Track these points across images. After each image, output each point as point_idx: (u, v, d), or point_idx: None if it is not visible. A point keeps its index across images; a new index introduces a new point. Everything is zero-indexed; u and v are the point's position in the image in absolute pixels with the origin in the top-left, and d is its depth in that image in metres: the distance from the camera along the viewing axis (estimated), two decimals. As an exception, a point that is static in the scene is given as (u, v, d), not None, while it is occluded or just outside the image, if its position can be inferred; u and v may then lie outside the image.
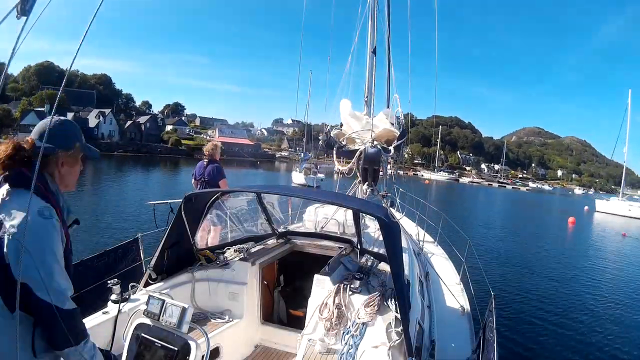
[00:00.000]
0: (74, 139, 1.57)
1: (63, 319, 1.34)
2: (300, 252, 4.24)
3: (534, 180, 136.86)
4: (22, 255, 1.26)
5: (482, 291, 5.48)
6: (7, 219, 1.32)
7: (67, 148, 1.53)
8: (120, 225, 12.68)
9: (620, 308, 9.54)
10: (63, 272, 1.41)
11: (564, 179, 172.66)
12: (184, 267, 3.25)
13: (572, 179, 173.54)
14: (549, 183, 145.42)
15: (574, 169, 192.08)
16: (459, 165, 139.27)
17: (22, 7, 0.89)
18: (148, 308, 2.07)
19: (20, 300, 1.25)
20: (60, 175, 1.54)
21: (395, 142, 5.29)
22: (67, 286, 1.41)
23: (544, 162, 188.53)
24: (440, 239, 7.46)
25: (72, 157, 1.57)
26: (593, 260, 15.46)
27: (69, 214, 1.58)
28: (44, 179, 1.48)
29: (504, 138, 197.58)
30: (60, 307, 1.35)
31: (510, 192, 77.24)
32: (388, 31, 6.30)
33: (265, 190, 4.12)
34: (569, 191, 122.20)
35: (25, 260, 1.28)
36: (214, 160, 5.58)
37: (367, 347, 2.50)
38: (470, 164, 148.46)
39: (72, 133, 1.58)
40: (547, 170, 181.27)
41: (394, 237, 2.54)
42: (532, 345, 6.86)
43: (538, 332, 7.46)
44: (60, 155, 1.51)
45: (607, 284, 11.89)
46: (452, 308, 4.41)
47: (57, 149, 1.50)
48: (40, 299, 1.31)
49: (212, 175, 5.46)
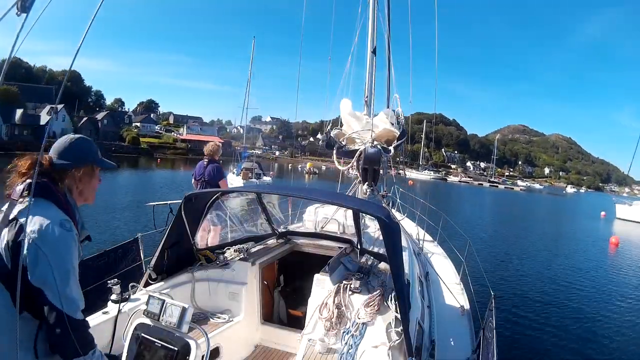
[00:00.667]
0: (90, 156, 1.65)
1: (73, 329, 1.36)
2: (300, 252, 4.24)
3: (523, 179, 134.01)
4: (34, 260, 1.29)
5: (482, 291, 5.48)
6: (29, 224, 1.34)
7: (83, 164, 1.61)
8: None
9: (621, 308, 9.54)
10: (77, 284, 1.45)
11: (552, 176, 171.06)
12: (184, 267, 3.24)
13: (560, 177, 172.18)
14: (538, 181, 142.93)
15: (561, 167, 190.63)
16: (444, 163, 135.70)
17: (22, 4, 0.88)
18: (148, 308, 2.07)
19: (33, 305, 1.33)
20: (78, 190, 1.62)
21: (395, 142, 5.29)
22: (79, 297, 1.44)
23: (531, 159, 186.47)
24: (440, 239, 7.46)
25: (88, 172, 1.64)
26: (594, 260, 15.48)
27: (82, 230, 1.62)
28: (63, 192, 1.54)
29: (489, 136, 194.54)
30: (72, 317, 1.37)
31: (504, 193, 72.56)
32: (388, 31, 6.31)
33: (265, 191, 4.11)
34: (562, 190, 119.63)
35: (43, 267, 1.32)
36: (214, 160, 5.62)
37: (367, 347, 2.50)
38: (455, 161, 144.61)
39: (88, 150, 1.65)
40: (534, 167, 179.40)
41: (394, 237, 2.54)
42: (532, 345, 6.86)
43: (538, 332, 7.46)
44: (76, 172, 1.59)
45: (608, 284, 11.89)
46: (452, 308, 4.41)
47: (74, 165, 1.58)
48: (53, 306, 1.33)
49: (212, 175, 5.52)
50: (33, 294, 1.32)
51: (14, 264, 1.32)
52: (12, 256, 1.34)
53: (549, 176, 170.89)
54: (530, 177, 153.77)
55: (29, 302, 1.32)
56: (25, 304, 1.31)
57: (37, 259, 1.31)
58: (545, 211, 42.44)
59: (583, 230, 26.09)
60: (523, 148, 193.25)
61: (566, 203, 64.15)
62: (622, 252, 18.49)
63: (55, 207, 1.43)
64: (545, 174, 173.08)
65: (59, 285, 1.34)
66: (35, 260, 1.31)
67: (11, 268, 1.33)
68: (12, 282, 1.27)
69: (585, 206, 53.77)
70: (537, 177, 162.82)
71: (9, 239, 1.35)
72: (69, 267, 1.39)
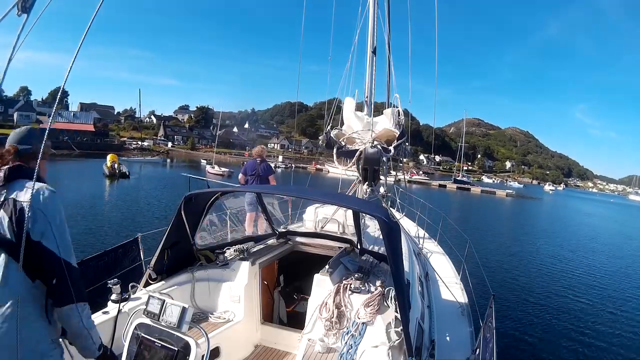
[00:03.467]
0: (40, 138, 1.82)
1: (69, 274, 1.57)
2: (300, 252, 4.24)
3: (489, 175, 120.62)
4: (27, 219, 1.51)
5: (482, 291, 5.49)
6: (21, 196, 1.56)
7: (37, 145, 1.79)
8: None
9: (621, 308, 9.55)
10: (69, 235, 1.66)
11: (514, 171, 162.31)
12: (184, 267, 3.24)
13: (523, 171, 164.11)
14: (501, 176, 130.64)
15: (522, 160, 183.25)
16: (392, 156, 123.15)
17: (23, 5, 0.88)
18: (148, 308, 2.07)
19: (34, 259, 1.53)
20: (43, 168, 1.79)
21: (395, 142, 5.28)
22: (71, 246, 1.65)
23: (490, 152, 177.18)
24: (440, 239, 7.46)
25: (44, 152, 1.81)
26: (594, 261, 15.48)
27: None
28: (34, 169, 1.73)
29: (444, 128, 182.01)
30: (68, 261, 1.59)
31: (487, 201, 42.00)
32: (388, 31, 6.29)
33: (266, 191, 4.11)
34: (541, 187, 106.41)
35: (41, 222, 1.54)
36: (264, 159, 6.94)
37: (367, 347, 2.50)
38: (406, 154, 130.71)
39: (40, 134, 1.85)
40: (494, 161, 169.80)
41: (394, 237, 2.54)
42: (532, 345, 6.87)
43: (537, 332, 7.46)
44: (36, 152, 1.75)
45: (608, 284, 11.90)
46: (452, 308, 4.40)
47: (33, 147, 1.78)
48: (52, 252, 1.55)
49: (265, 171, 6.77)
50: (36, 247, 1.52)
51: (18, 234, 1.52)
52: (16, 228, 1.52)
53: (512, 170, 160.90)
54: (491, 172, 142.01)
55: (38, 270, 1.54)
56: (35, 273, 1.54)
57: (35, 217, 1.53)
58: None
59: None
60: (479, 141, 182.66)
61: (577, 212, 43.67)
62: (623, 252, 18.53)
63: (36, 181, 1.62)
64: (507, 168, 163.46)
65: (56, 233, 1.57)
66: (34, 218, 1.53)
67: (16, 240, 1.52)
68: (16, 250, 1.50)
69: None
70: (499, 171, 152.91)
71: (9, 216, 1.54)
72: (62, 218, 1.63)
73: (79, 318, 1.61)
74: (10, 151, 1.75)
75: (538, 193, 77.11)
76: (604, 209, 55.15)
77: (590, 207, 55.33)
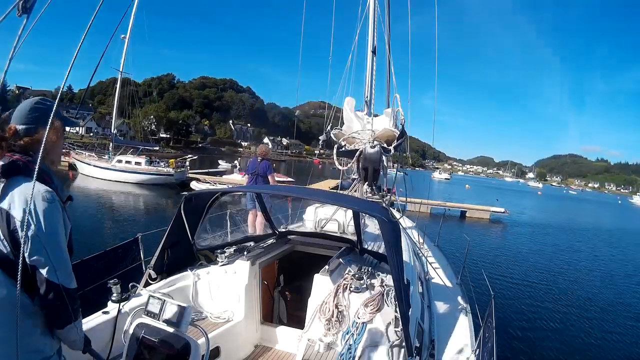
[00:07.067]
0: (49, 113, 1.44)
1: (69, 298, 1.45)
2: (300, 252, 4.23)
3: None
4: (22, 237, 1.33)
5: (482, 291, 5.48)
6: (13, 209, 1.36)
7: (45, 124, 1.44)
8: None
9: (621, 308, 9.54)
10: (67, 253, 1.50)
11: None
12: (184, 267, 3.25)
13: None
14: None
15: None
16: (231, 140, 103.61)
17: (24, 5, 0.88)
18: (148, 308, 2.06)
19: (31, 282, 1.38)
20: (47, 153, 1.52)
21: (395, 142, 5.28)
22: (70, 265, 1.50)
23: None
24: (440, 239, 7.45)
25: (54, 131, 1.53)
26: (594, 261, 15.48)
27: (62, 192, 1.57)
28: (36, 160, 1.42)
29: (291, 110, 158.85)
30: (67, 287, 1.45)
31: None
32: (388, 31, 6.29)
33: (266, 191, 4.11)
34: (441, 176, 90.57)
35: (35, 244, 1.35)
36: (266, 158, 7.13)
37: (367, 347, 2.50)
38: (248, 137, 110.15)
39: (48, 108, 1.52)
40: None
41: (394, 237, 2.54)
42: (532, 346, 6.86)
43: (537, 333, 7.46)
44: (41, 133, 1.43)
45: (608, 285, 11.89)
46: (452, 308, 4.40)
47: (37, 126, 1.49)
48: (49, 281, 1.39)
49: (264, 170, 6.96)
50: (33, 273, 1.38)
51: (12, 252, 1.36)
52: (9, 247, 1.37)
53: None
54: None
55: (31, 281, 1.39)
56: (33, 292, 1.40)
57: (27, 235, 1.34)
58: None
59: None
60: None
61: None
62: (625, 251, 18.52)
63: (34, 181, 1.32)
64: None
65: (52, 259, 1.39)
66: (27, 236, 1.34)
67: (13, 257, 1.36)
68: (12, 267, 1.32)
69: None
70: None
71: (1, 230, 1.36)
72: (59, 240, 1.44)
73: (76, 330, 1.57)
74: (9, 133, 1.46)
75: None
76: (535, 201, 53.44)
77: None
